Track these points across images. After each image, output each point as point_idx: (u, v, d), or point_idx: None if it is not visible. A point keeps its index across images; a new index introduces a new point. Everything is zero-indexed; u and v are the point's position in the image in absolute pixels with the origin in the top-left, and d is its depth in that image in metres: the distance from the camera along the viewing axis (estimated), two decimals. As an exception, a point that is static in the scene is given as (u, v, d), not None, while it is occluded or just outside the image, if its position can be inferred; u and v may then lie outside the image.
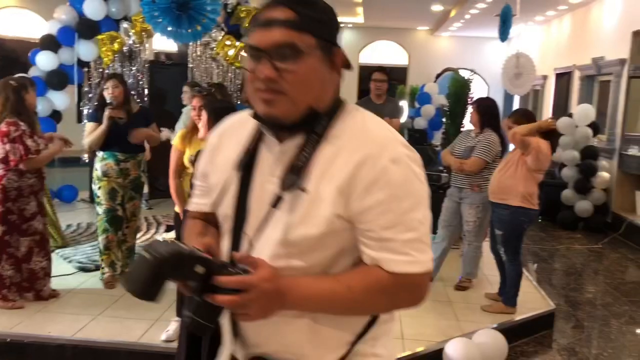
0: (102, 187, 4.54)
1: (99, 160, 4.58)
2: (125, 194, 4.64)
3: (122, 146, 4.55)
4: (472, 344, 3.65)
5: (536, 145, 4.14)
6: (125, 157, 4.59)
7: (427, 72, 14.32)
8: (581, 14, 10.08)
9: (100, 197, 4.56)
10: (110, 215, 4.57)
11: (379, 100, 5.55)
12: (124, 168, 4.59)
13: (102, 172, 4.54)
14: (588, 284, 5.86)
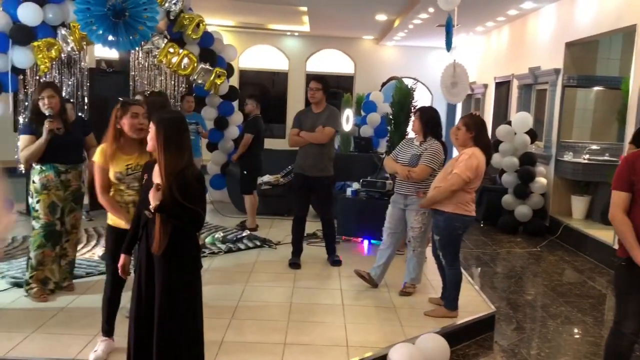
0: (42, 201, 4.37)
1: (36, 172, 4.38)
2: (66, 206, 4.48)
3: (62, 157, 4.40)
4: (415, 348, 3.70)
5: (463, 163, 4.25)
6: (66, 168, 4.44)
7: (372, 80, 14.54)
8: (518, 26, 10.46)
9: (39, 211, 4.38)
10: (48, 230, 4.40)
11: (317, 108, 5.60)
12: (65, 179, 4.44)
13: (41, 185, 4.36)
14: (528, 286, 6.05)
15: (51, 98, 4.36)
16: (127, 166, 3.50)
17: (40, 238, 4.40)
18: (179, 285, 2.91)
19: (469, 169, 4.22)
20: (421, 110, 5.03)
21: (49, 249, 4.44)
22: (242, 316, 4.31)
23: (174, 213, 2.78)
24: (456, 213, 4.32)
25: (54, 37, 6.64)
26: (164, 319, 2.88)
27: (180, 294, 2.91)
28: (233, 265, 5.66)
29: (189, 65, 7.32)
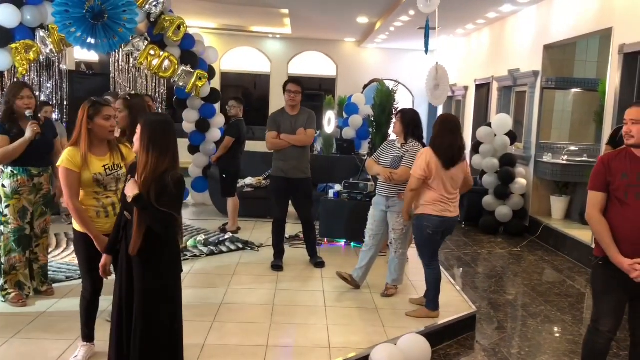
0: (12, 206, 4.29)
1: (6, 176, 4.28)
2: (36, 210, 4.42)
3: (35, 160, 4.33)
4: (397, 349, 3.72)
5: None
6: (39, 172, 4.39)
7: (354, 82, 14.60)
8: (498, 28, 10.57)
9: (9, 216, 4.30)
10: (18, 235, 4.33)
11: (293, 111, 5.59)
12: (38, 183, 4.38)
13: (12, 189, 4.28)
14: (508, 286, 6.12)
15: (30, 98, 4.32)
16: (104, 167, 3.40)
17: (10, 243, 4.33)
18: (156, 288, 2.89)
19: (420, 167, 4.32)
20: (402, 112, 5.07)
21: (19, 254, 4.37)
22: (224, 319, 4.30)
23: (149, 210, 2.76)
24: (424, 213, 4.38)
25: (32, 39, 6.58)
26: (141, 321, 2.86)
27: (158, 296, 2.89)
28: (215, 268, 5.64)
29: (170, 68, 7.29)
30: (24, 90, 4.32)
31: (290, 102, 5.56)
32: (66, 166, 3.32)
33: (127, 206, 2.83)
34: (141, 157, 2.83)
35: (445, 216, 4.40)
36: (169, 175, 2.81)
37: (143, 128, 2.85)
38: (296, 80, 5.72)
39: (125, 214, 2.84)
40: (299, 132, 5.49)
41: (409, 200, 4.45)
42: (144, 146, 2.82)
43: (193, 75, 7.51)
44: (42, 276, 4.60)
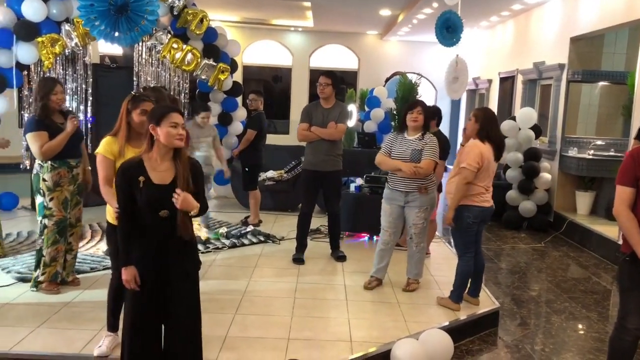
0: (56, 198, 4.40)
1: (46, 170, 4.39)
2: (72, 200, 4.53)
3: (72, 152, 4.47)
4: (419, 344, 3.70)
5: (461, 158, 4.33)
6: (76, 163, 4.52)
7: (376, 76, 14.51)
8: (523, 20, 10.41)
9: (53, 209, 4.40)
10: (61, 225, 4.46)
11: (326, 104, 5.56)
12: (75, 174, 4.52)
13: (53, 183, 4.39)
14: (532, 282, 6.04)
15: (62, 94, 4.48)
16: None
17: (54, 235, 4.44)
18: (197, 274, 3.04)
19: (474, 159, 4.27)
20: (424, 104, 4.91)
21: (62, 244, 4.50)
22: (246, 311, 4.32)
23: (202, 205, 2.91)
24: (465, 204, 4.35)
25: (57, 33, 6.66)
26: (187, 306, 2.94)
27: (198, 284, 3.02)
28: (237, 260, 5.67)
29: (193, 61, 7.32)
30: (57, 86, 4.45)
31: (321, 94, 5.54)
32: (103, 154, 3.45)
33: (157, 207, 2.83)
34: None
35: (484, 206, 4.41)
36: (191, 160, 2.93)
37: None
38: (327, 72, 5.66)
39: (160, 214, 2.82)
40: (330, 126, 5.47)
41: (460, 195, 4.34)
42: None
43: (215, 68, 7.53)
44: (73, 265, 4.71)
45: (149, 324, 2.91)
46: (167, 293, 2.90)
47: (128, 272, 2.85)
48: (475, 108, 4.57)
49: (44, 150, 4.31)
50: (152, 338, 2.93)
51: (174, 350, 2.96)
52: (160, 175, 2.84)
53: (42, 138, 4.32)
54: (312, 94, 14.29)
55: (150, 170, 2.84)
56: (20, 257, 5.32)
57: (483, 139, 4.35)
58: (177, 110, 2.89)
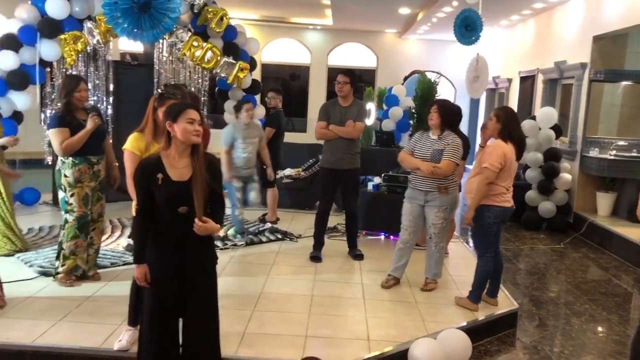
0: (76, 194, 4.47)
1: (68, 167, 4.46)
2: (94, 196, 4.59)
3: (93, 149, 4.52)
4: (437, 343, 3.69)
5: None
6: (97, 160, 4.57)
7: (395, 74, 14.47)
8: (544, 19, 10.30)
9: (73, 204, 4.47)
10: (82, 221, 4.53)
11: (344, 102, 5.56)
12: (97, 170, 4.57)
13: (74, 178, 4.46)
14: (551, 283, 5.99)
15: (86, 91, 4.56)
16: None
17: (74, 230, 4.51)
18: (213, 267, 3.06)
19: (497, 159, 4.24)
20: (439, 102, 4.91)
21: (82, 239, 4.57)
22: (264, 308, 4.34)
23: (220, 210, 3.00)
24: (486, 204, 4.32)
25: (80, 30, 6.73)
26: (205, 301, 2.99)
27: (215, 274, 3.06)
28: (255, 258, 5.70)
29: (213, 59, 7.35)
30: (81, 84, 4.52)
31: (339, 93, 5.54)
32: (131, 150, 3.52)
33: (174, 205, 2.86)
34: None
35: (505, 206, 4.38)
36: (208, 156, 2.97)
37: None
38: (345, 71, 5.66)
39: (179, 210, 2.86)
40: (348, 124, 5.46)
41: (481, 195, 4.31)
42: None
43: (235, 66, 7.56)
44: (95, 260, 4.77)
45: (167, 319, 2.94)
46: (185, 288, 2.93)
47: (140, 269, 2.90)
48: (496, 107, 4.53)
49: (63, 146, 4.37)
50: (170, 333, 2.96)
51: (192, 346, 2.98)
52: (179, 172, 2.87)
53: (63, 134, 4.38)
54: (330, 92, 14.28)
55: (168, 167, 2.86)
56: (41, 252, 5.40)
57: (505, 138, 4.32)
58: (193, 107, 2.91)
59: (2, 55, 6.46)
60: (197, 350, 3.00)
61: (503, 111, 4.48)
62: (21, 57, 6.53)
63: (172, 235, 2.89)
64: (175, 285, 2.92)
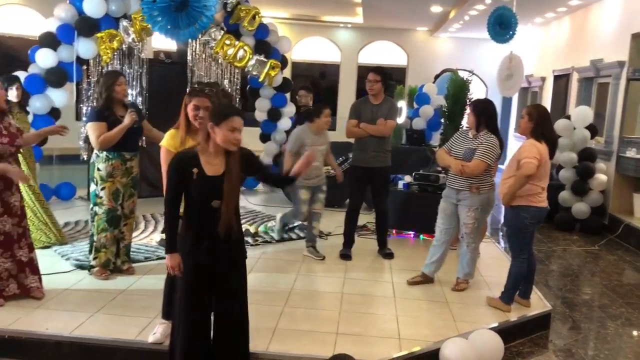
0: (107, 189, 4.56)
1: (101, 161, 4.55)
2: (126, 192, 4.67)
3: (129, 145, 4.60)
4: (468, 344, 3.66)
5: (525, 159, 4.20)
6: (130, 156, 4.65)
7: (425, 72, 14.35)
8: (580, 16, 10.10)
9: (103, 198, 4.57)
10: (111, 215, 4.61)
11: (375, 100, 5.54)
12: (130, 167, 4.65)
13: (106, 173, 4.55)
14: (585, 285, 5.88)
15: (125, 85, 4.61)
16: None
17: (103, 222, 4.60)
18: (244, 261, 3.13)
19: (535, 155, 4.16)
20: (474, 102, 4.93)
21: (110, 232, 4.65)
22: (295, 304, 4.37)
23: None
24: (522, 205, 4.26)
25: (116, 29, 6.87)
26: (237, 294, 3.07)
27: (245, 268, 3.14)
28: (285, 254, 5.73)
29: (244, 57, 7.42)
30: (120, 79, 4.59)
31: (370, 91, 5.52)
32: (166, 146, 3.59)
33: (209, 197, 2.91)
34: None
35: (542, 207, 4.32)
36: (242, 150, 3.03)
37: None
38: (376, 69, 5.62)
39: (212, 203, 2.91)
40: (379, 123, 5.45)
41: (519, 185, 4.21)
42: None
43: (266, 64, 7.62)
44: (126, 255, 4.85)
45: (200, 312, 2.99)
46: (218, 282, 2.98)
47: (173, 258, 2.95)
48: (528, 105, 4.45)
49: (100, 140, 4.45)
50: (202, 326, 3.01)
51: (223, 338, 3.04)
52: (214, 168, 2.93)
53: (100, 128, 4.46)
54: (360, 90, 14.25)
55: (204, 163, 2.92)
56: (77, 245, 5.52)
57: (538, 137, 4.25)
58: (239, 114, 2.93)
59: (41, 53, 6.63)
60: (227, 342, 3.05)
61: (535, 109, 4.39)
62: (59, 55, 6.70)
63: (205, 229, 2.94)
64: (207, 278, 2.97)
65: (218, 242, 2.95)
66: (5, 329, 3.68)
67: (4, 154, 3.91)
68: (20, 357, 3.59)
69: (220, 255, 2.98)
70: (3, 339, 3.62)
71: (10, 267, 4.07)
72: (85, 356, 3.61)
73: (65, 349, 3.62)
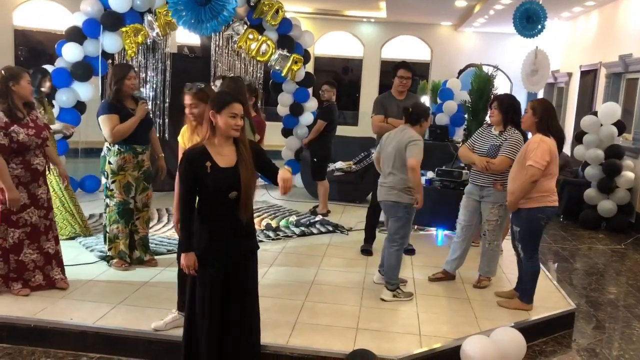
0: (118, 182, 4.60)
1: (113, 154, 4.58)
2: (138, 185, 4.70)
3: (140, 138, 4.63)
4: (490, 341, 3.62)
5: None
6: (142, 149, 4.67)
7: (449, 67, 14.22)
8: (609, 10, 9.89)
9: (114, 191, 4.61)
10: (122, 207, 4.65)
11: (400, 96, 5.50)
12: (141, 160, 4.67)
13: (117, 166, 4.58)
14: (610, 284, 5.78)
15: (135, 79, 4.64)
16: None
17: (114, 214, 4.66)
18: (256, 253, 3.20)
19: (542, 156, 4.05)
20: (499, 98, 4.82)
21: (122, 225, 4.70)
22: (315, 299, 4.37)
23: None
24: (539, 206, 4.18)
25: (140, 23, 6.93)
26: (252, 284, 3.14)
27: (257, 261, 3.21)
28: (306, 249, 5.74)
29: (268, 52, 7.43)
30: (131, 72, 4.61)
31: (401, 88, 5.46)
32: (179, 142, 3.69)
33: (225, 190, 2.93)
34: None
35: (555, 205, 4.26)
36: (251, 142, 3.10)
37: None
38: (408, 65, 5.53)
39: (229, 195, 2.93)
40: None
41: (524, 193, 4.14)
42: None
43: (289, 59, 7.62)
44: (143, 246, 4.89)
45: (215, 303, 3.01)
46: (232, 272, 3.02)
47: (189, 257, 2.96)
48: (532, 100, 4.37)
49: (114, 132, 4.48)
50: (216, 317, 3.02)
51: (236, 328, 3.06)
52: (226, 159, 2.96)
53: (113, 121, 4.49)
54: (382, 85, 14.19)
55: (215, 155, 2.95)
56: (101, 237, 5.58)
57: (545, 132, 4.16)
58: (238, 101, 2.98)
59: (68, 48, 6.73)
60: (240, 332, 3.07)
61: (540, 103, 4.29)
62: (85, 49, 6.79)
63: (225, 221, 2.97)
64: (222, 269, 3.00)
65: (236, 233, 2.99)
66: (31, 318, 3.76)
67: (31, 145, 3.98)
68: (46, 346, 3.66)
69: (237, 247, 3.02)
70: (29, 328, 3.69)
71: (36, 259, 4.15)
72: (108, 346, 3.66)
73: (89, 339, 3.67)
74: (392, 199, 4.43)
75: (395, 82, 5.47)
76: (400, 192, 4.39)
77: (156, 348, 3.62)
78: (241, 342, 3.07)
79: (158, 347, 3.62)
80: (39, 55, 11.83)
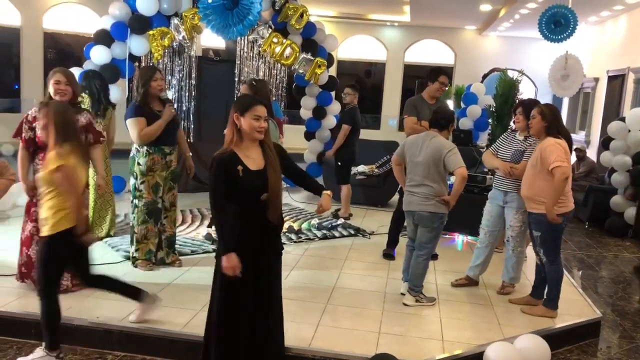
0: (146, 182, 4.66)
1: (142, 155, 4.63)
2: (165, 185, 4.76)
3: (167, 139, 4.68)
4: (514, 348, 3.59)
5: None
6: (170, 150, 4.73)
7: (473, 72, 14.14)
8: (638, 14, 9.74)
9: (143, 191, 4.67)
10: (150, 207, 4.70)
11: (431, 100, 5.50)
12: (169, 160, 4.73)
13: (147, 167, 4.64)
14: (637, 293, 5.68)
15: (162, 81, 4.68)
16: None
17: (143, 215, 4.71)
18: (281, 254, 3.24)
19: (563, 159, 4.06)
20: (524, 104, 4.77)
21: (151, 225, 4.75)
22: (337, 302, 4.38)
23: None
24: (560, 213, 4.15)
25: (167, 27, 7.02)
26: (279, 284, 3.20)
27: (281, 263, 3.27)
28: (328, 252, 5.74)
29: (291, 55, 7.47)
30: (157, 73, 4.66)
31: (439, 93, 5.49)
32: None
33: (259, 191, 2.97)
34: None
35: (572, 207, 4.26)
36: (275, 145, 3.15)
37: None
38: (445, 71, 5.57)
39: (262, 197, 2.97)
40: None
41: (559, 194, 4.08)
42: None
43: (313, 62, 7.65)
44: (168, 246, 4.93)
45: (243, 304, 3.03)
46: (263, 273, 3.06)
47: (231, 258, 2.90)
48: (538, 105, 4.35)
49: (142, 134, 4.53)
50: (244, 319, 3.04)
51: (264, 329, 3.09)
52: (255, 162, 3.00)
53: (140, 124, 4.54)
54: (406, 90, 14.15)
55: (244, 158, 2.98)
56: (127, 237, 5.65)
57: (555, 135, 4.15)
58: (261, 103, 3.02)
59: (96, 50, 6.84)
60: (266, 334, 3.10)
61: (547, 108, 4.29)
62: (113, 51, 6.90)
63: (254, 223, 2.99)
64: (252, 270, 3.01)
65: (265, 234, 3.04)
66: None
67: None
68: (72, 343, 3.72)
69: (266, 248, 3.06)
70: (56, 325, 3.75)
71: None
72: (133, 345, 3.71)
73: (114, 337, 3.73)
74: (430, 209, 4.36)
75: (433, 87, 5.45)
76: (437, 203, 4.36)
77: (179, 347, 3.65)
78: (267, 344, 3.09)
79: (181, 347, 3.65)
80: (67, 58, 12.07)
